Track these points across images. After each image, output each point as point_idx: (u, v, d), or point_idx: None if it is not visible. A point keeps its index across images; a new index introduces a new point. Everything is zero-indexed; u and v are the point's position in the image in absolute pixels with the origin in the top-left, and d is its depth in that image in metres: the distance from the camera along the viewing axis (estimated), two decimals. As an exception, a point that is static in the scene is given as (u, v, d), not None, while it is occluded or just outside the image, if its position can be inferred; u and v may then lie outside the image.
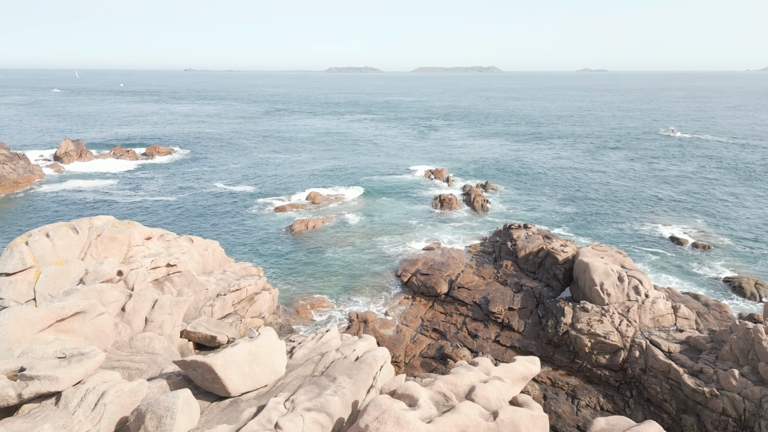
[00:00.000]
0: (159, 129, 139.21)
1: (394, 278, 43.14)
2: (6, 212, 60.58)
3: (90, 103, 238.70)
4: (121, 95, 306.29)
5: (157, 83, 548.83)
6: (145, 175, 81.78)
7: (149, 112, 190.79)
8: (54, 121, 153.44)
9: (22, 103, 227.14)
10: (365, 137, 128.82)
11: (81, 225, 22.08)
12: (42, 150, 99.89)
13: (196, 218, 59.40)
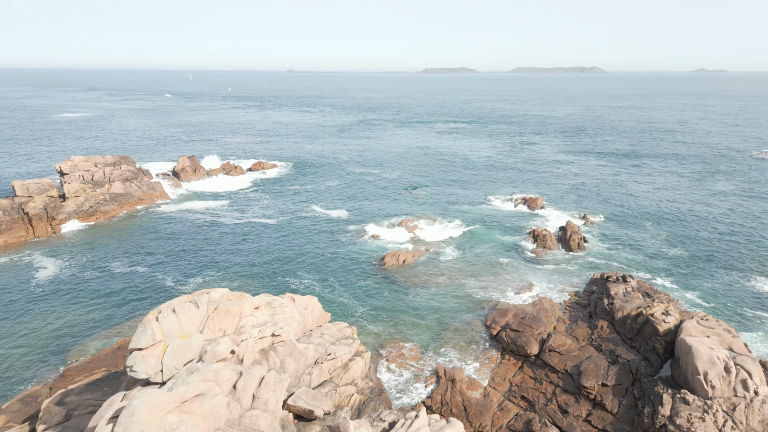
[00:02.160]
0: (263, 140, 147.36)
1: (483, 329, 43.17)
2: (127, 232, 67.35)
3: (200, 110, 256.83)
4: (228, 101, 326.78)
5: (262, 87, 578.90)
6: (252, 195, 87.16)
7: (254, 121, 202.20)
8: (170, 130, 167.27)
9: (144, 109, 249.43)
10: (456, 153, 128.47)
11: (201, 300, 24.54)
12: (161, 163, 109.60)
13: (294, 246, 62.57)
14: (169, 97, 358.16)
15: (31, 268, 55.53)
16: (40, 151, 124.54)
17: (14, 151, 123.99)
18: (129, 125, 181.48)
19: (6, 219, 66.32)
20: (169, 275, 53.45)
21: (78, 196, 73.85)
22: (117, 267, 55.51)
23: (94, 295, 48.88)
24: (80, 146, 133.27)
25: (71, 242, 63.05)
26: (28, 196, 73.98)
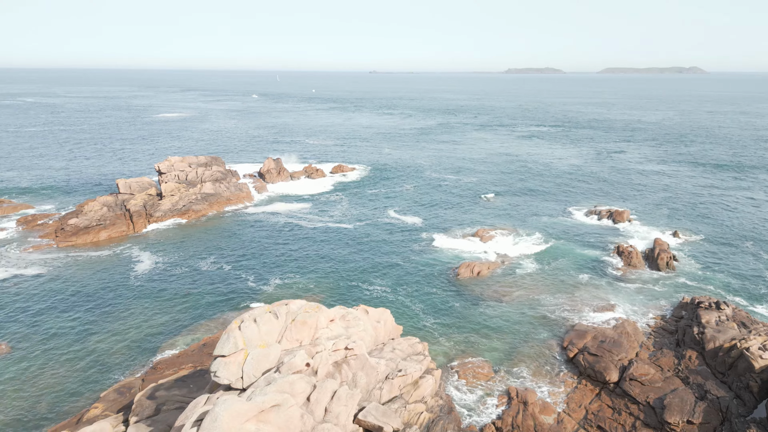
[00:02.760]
0: (344, 143, 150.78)
1: (559, 350, 41.83)
2: (215, 231, 71.31)
3: (285, 111, 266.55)
4: (312, 102, 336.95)
5: (344, 88, 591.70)
6: (332, 198, 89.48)
7: (335, 124, 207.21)
8: (257, 131, 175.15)
9: (234, 110, 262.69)
10: (537, 159, 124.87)
11: (280, 311, 25.66)
12: (247, 164, 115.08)
13: (368, 252, 63.55)
14: (256, 98, 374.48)
15: (130, 262, 60.21)
16: (142, 150, 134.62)
17: (119, 149, 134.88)
18: (220, 126, 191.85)
19: (110, 215, 72.39)
20: (251, 275, 56.09)
21: (173, 195, 79.15)
22: (204, 265, 58.99)
23: (184, 290, 52.24)
24: (176, 146, 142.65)
25: (165, 239, 67.71)
26: (129, 193, 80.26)
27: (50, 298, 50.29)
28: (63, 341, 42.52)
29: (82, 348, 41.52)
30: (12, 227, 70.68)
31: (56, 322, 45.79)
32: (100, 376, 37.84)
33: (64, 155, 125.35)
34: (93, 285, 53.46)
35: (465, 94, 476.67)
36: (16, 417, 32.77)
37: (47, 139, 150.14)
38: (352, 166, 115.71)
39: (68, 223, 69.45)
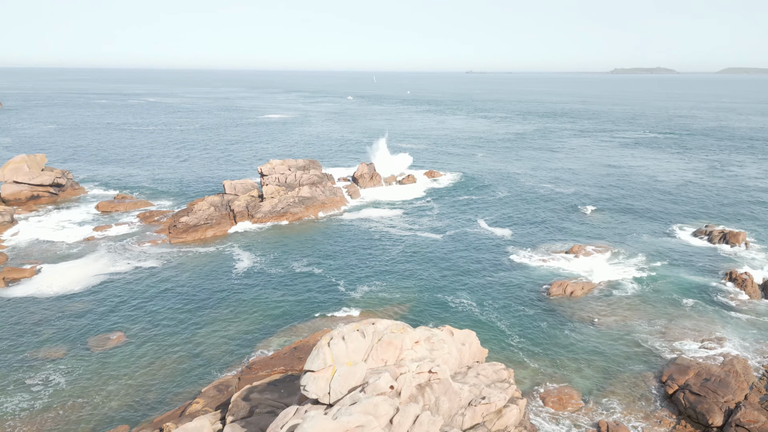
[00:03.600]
0: (436, 147, 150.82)
1: (656, 384, 39.33)
2: (308, 235, 74.25)
3: (379, 114, 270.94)
4: (406, 104, 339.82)
5: (439, 89, 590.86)
6: (423, 205, 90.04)
7: (429, 127, 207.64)
8: (352, 134, 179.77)
9: (331, 112, 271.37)
10: (642, 171, 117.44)
11: (367, 330, 26.45)
12: (342, 168, 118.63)
13: (456, 263, 63.24)
14: (351, 100, 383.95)
15: (231, 260, 64.35)
16: (247, 150, 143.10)
17: (226, 149, 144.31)
18: (317, 128, 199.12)
19: (216, 214, 77.80)
20: (341, 280, 57.92)
21: (273, 198, 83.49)
22: (297, 267, 61.72)
23: (278, 292, 55.04)
24: (277, 147, 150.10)
25: (263, 239, 71.62)
26: (234, 194, 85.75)
27: (161, 291, 55.04)
28: (171, 334, 46.41)
29: (187, 342, 45.09)
30: (134, 222, 78.07)
31: (165, 314, 50.05)
32: (202, 370, 40.92)
33: (179, 154, 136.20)
34: (198, 280, 57.83)
35: (565, 96, 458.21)
36: (128, 403, 36.37)
37: (164, 139, 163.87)
38: (444, 172, 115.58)
39: (180, 220, 75.52)
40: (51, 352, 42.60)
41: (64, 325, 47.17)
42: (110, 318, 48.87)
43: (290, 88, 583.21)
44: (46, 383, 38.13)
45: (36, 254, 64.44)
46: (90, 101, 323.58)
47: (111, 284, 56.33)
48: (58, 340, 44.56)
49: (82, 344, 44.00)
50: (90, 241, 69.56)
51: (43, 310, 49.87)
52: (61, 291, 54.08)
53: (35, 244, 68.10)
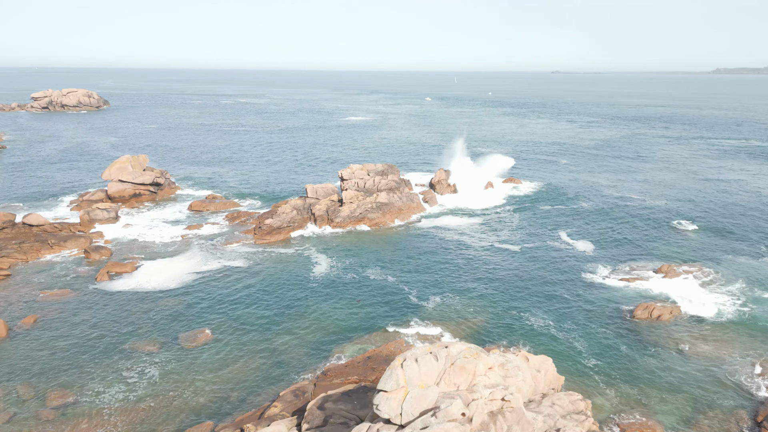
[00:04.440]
0: (517, 152, 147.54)
1: (750, 424, 36.50)
2: (384, 241, 75.24)
3: (459, 116, 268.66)
4: (488, 106, 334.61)
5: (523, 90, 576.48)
6: (502, 214, 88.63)
7: (509, 131, 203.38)
8: (430, 137, 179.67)
9: (410, 114, 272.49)
10: (746, 187, 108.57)
11: (440, 353, 26.67)
12: (419, 173, 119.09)
13: (533, 278, 61.74)
14: (430, 101, 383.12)
15: (309, 263, 66.59)
16: (328, 154, 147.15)
17: (309, 152, 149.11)
18: (396, 131, 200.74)
19: (298, 218, 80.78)
20: (414, 290, 58.33)
21: (352, 203, 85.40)
22: (372, 274, 62.79)
23: (353, 298, 56.33)
24: (357, 150, 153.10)
25: (340, 244, 73.49)
26: (315, 198, 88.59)
27: (245, 291, 58.03)
28: (252, 334, 48.88)
29: (267, 343, 47.30)
30: (222, 222, 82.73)
31: (248, 314, 52.74)
32: (280, 372, 42.82)
33: (265, 156, 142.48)
34: (279, 282, 60.40)
35: (659, 99, 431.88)
36: (213, 400, 38.79)
37: (252, 140, 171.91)
38: (525, 180, 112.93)
39: (264, 222, 79.13)
40: (146, 345, 46.19)
41: (159, 320, 50.97)
42: (199, 315, 52.21)
43: (371, 89, 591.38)
44: (142, 375, 41.46)
45: (136, 250, 69.96)
46: (187, 101, 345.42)
47: (201, 282, 60.11)
48: (153, 334, 48.23)
49: (173, 339, 47.36)
50: (183, 239, 74.49)
51: (140, 305, 54.15)
52: (158, 287, 58.39)
53: (135, 240, 73.92)
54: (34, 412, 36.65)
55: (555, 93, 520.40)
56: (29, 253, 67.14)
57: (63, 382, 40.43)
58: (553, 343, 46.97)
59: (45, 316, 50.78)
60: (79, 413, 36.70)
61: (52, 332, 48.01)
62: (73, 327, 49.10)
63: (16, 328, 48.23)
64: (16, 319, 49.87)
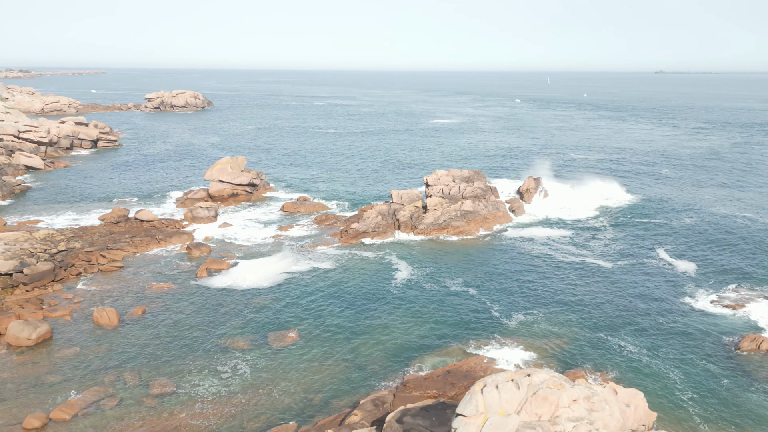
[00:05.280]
0: (612, 160, 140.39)
1: None
2: (467, 251, 74.50)
3: (550, 120, 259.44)
4: (582, 109, 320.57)
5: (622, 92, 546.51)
6: (595, 226, 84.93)
7: (605, 135, 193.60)
8: (518, 141, 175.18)
9: (498, 117, 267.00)
10: None
11: (522, 381, 26.22)
12: (505, 180, 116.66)
13: (625, 300, 58.63)
14: (518, 102, 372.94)
15: (390, 269, 67.45)
16: (414, 158, 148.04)
17: (396, 156, 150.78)
18: (483, 135, 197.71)
19: (383, 223, 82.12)
20: (496, 304, 57.38)
21: (436, 210, 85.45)
22: (453, 285, 62.46)
23: (433, 308, 56.41)
24: (443, 155, 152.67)
25: (422, 252, 73.78)
26: (400, 204, 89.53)
27: (330, 294, 59.92)
28: (336, 338, 50.42)
29: (349, 348, 48.59)
30: (311, 224, 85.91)
31: (332, 317, 54.44)
32: (361, 379, 43.87)
33: (353, 159, 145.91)
34: (362, 287, 61.79)
35: None
36: (297, 402, 40.51)
37: (342, 142, 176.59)
38: (621, 190, 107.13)
39: (351, 226, 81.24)
40: (239, 342, 49.09)
41: (251, 317, 53.96)
42: (287, 315, 54.64)
43: (459, 90, 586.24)
44: (234, 371, 44.15)
45: (232, 248, 74.40)
46: (283, 103, 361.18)
47: (291, 283, 62.83)
48: (245, 331, 51.14)
49: (263, 338, 49.94)
50: (275, 240, 78.20)
51: (234, 302, 57.60)
52: (252, 285, 61.75)
53: (232, 238, 78.58)
54: (139, 398, 40.20)
55: (658, 95, 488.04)
56: (139, 246, 73.46)
57: (164, 371, 43.99)
58: (644, 373, 44.39)
59: (151, 308, 55.45)
60: (177, 403, 39.79)
61: (157, 323, 52.33)
62: (176, 319, 53.21)
63: (127, 318, 53.05)
64: (126, 309, 54.84)
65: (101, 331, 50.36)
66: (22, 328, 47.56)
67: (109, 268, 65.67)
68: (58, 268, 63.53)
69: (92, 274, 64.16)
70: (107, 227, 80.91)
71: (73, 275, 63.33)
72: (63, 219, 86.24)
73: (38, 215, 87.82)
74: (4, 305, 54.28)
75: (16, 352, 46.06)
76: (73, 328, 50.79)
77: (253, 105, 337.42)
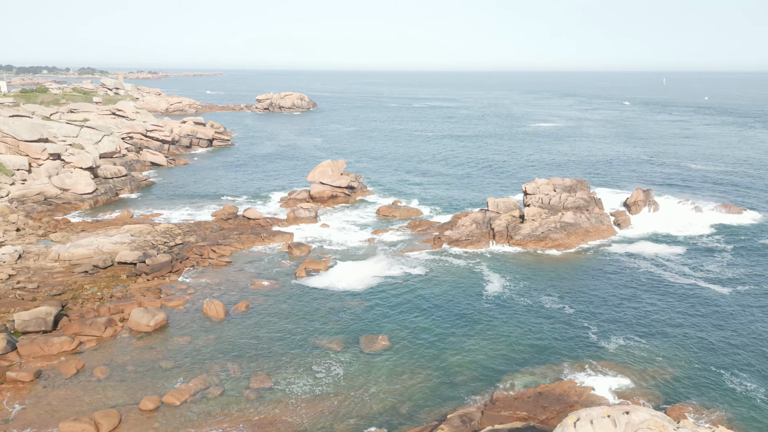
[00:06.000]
0: (731, 173, 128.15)
1: None
2: (565, 266, 71.50)
3: (665, 125, 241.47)
4: (702, 113, 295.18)
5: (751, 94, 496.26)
6: (710, 247, 78.20)
7: (727, 144, 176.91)
8: (628, 150, 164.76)
9: (607, 120, 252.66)
10: None
11: (619, 419, 24.97)
12: (610, 190, 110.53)
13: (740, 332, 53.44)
14: (627, 105, 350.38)
15: (481, 279, 66.45)
16: (513, 164, 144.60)
17: (494, 161, 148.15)
18: (589, 141, 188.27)
19: (477, 232, 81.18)
20: (593, 326, 54.65)
21: (534, 220, 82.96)
22: (548, 302, 60.32)
23: (526, 325, 54.91)
24: (544, 161, 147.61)
25: (516, 264, 71.94)
26: (496, 212, 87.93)
27: (420, 302, 60.34)
28: (425, 347, 50.71)
29: (438, 358, 48.68)
30: (405, 229, 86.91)
31: (422, 326, 54.79)
32: (448, 391, 43.80)
33: (449, 163, 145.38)
34: (452, 296, 61.57)
35: None
36: (385, 409, 41.30)
37: (438, 146, 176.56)
38: (743, 206, 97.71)
39: (444, 233, 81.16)
40: (331, 343, 50.92)
41: (345, 320, 55.74)
42: (379, 320, 55.81)
43: (565, 91, 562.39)
44: (328, 372, 45.91)
45: (330, 250, 77.21)
46: (383, 105, 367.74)
47: (383, 287, 64.07)
48: (338, 333, 52.94)
49: (354, 341, 51.40)
50: (370, 243, 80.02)
51: (330, 303, 59.79)
52: (347, 287, 63.71)
53: (330, 239, 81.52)
54: (240, 390, 43.08)
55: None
56: (246, 243, 78.41)
57: (263, 366, 46.74)
58: (759, 414, 40.33)
59: (254, 304, 59.08)
60: (274, 399, 42.13)
61: (259, 319, 55.68)
62: (275, 316, 56.30)
63: (232, 312, 56.93)
64: (231, 303, 58.84)
65: (209, 322, 54.51)
66: (142, 315, 52.73)
67: (218, 262, 70.81)
68: (175, 260, 69.55)
69: (203, 267, 69.49)
70: (218, 223, 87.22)
71: (186, 267, 69.01)
72: (180, 213, 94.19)
73: (160, 209, 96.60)
74: (128, 292, 60.43)
75: (137, 337, 51.13)
76: (185, 318, 55.45)
77: (354, 107, 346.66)
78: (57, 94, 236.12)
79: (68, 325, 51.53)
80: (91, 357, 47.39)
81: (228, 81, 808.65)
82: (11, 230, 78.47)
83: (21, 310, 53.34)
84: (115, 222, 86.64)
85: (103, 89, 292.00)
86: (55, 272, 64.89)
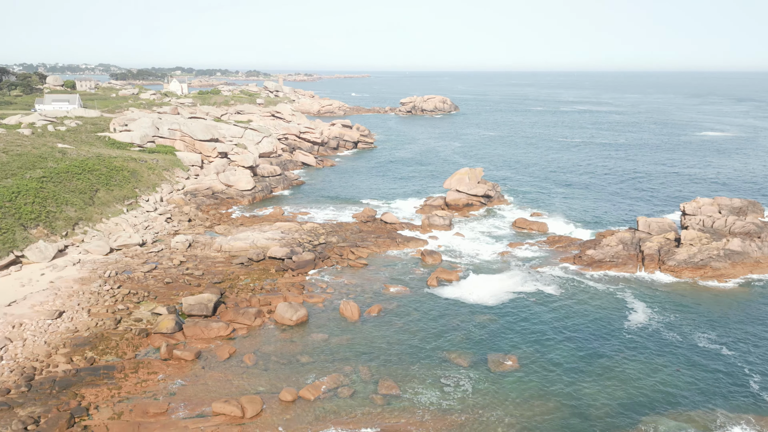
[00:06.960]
0: None
1: None
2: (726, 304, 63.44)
3: None
4: None
5: None
6: None
7: None
8: None
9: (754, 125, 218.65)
10: None
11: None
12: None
13: None
14: None
15: (626, 308, 61.69)
16: (670, 179, 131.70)
17: (648, 175, 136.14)
18: (766, 155, 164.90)
19: (623, 254, 75.47)
20: (756, 374, 47.92)
21: (692, 245, 74.93)
22: (702, 340, 54.22)
23: (673, 363, 49.92)
24: (708, 178, 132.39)
25: (667, 294, 65.60)
26: (647, 233, 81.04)
27: (555, 323, 57.77)
28: (558, 373, 48.49)
29: (572, 388, 46.29)
30: (543, 244, 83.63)
31: (555, 350, 52.44)
32: (580, 426, 41.49)
33: (596, 175, 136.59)
34: (590, 321, 58.08)
35: None
36: None
37: (585, 156, 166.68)
38: None
39: (586, 252, 76.69)
40: (458, 357, 50.92)
41: (474, 334, 55.39)
42: (509, 338, 54.61)
43: (739, 96, 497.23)
44: (456, 387, 46.03)
45: (462, 260, 77.07)
46: (528, 108, 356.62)
47: (515, 304, 62.52)
48: (467, 348, 52.75)
49: (482, 358, 50.84)
50: (504, 256, 78.41)
51: (459, 315, 59.78)
52: (477, 301, 63.26)
53: (463, 249, 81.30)
54: (368, 394, 44.94)
55: None
56: (381, 247, 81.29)
57: (392, 372, 48.22)
58: None
59: (386, 308, 61.11)
60: (400, 407, 43.34)
61: (390, 325, 57.49)
62: (406, 324, 57.72)
63: (366, 314, 59.47)
64: (365, 306, 61.41)
65: (345, 323, 57.56)
66: (286, 310, 57.31)
67: (355, 264, 74.36)
68: (318, 258, 74.44)
69: (342, 267, 73.42)
70: (358, 225, 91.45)
71: (327, 266, 73.46)
72: (324, 213, 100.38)
73: (307, 207, 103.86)
74: (276, 286, 65.98)
75: (281, 329, 55.72)
76: (323, 316, 59.16)
77: (497, 110, 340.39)
78: (227, 96, 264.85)
79: (225, 312, 57.79)
80: (242, 344, 52.66)
81: (375, 83, 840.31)
82: (184, 220, 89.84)
83: (187, 294, 60.97)
84: (268, 218, 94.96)
85: (266, 92, 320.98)
86: (217, 262, 73.06)
